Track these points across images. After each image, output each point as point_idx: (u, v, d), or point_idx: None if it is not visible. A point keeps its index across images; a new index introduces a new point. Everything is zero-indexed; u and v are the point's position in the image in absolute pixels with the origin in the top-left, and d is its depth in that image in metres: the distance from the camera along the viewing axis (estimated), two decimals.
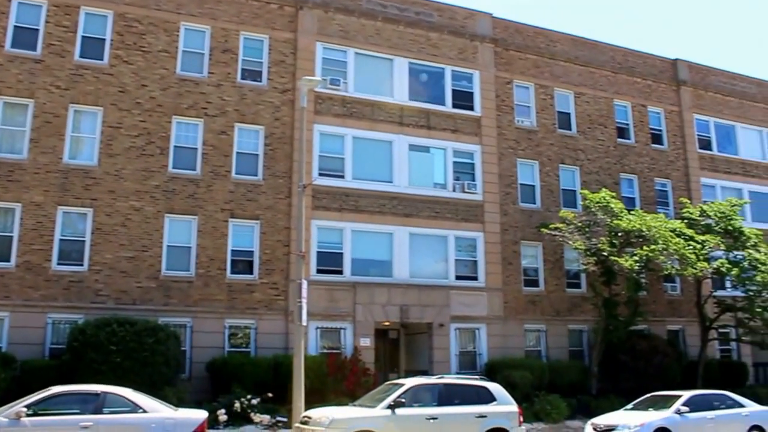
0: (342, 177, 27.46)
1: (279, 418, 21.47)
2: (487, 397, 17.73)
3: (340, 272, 26.71)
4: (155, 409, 14.49)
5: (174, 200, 24.95)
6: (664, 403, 20.68)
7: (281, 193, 26.40)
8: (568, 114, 33.13)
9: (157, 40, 25.85)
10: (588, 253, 28.04)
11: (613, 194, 29.62)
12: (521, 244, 30.31)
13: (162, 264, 24.45)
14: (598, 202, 28.54)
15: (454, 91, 30.36)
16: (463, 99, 30.44)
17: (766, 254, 30.12)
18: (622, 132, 34.57)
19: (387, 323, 27.53)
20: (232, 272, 25.37)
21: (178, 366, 22.80)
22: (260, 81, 27.12)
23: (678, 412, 19.93)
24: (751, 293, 29.30)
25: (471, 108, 30.45)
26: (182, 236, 24.98)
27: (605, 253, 27.52)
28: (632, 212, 28.99)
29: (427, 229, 28.39)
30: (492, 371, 25.99)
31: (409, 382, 17.81)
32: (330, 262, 26.68)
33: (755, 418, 21.06)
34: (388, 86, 29.15)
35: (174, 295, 24.32)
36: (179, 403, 18.50)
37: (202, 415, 15.10)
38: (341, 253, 26.89)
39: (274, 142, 26.76)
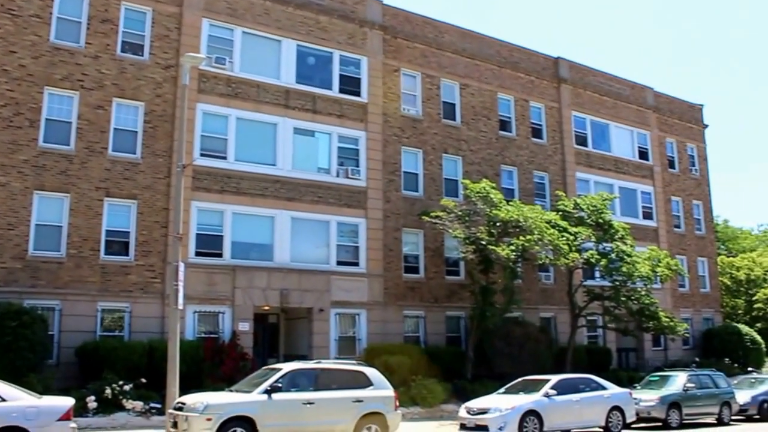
0: (224, 158, 26.88)
1: (153, 405, 20.91)
2: (364, 382, 17.85)
3: (220, 255, 26.21)
4: (15, 397, 13.71)
5: (44, 176, 23.67)
6: (534, 386, 21.48)
7: (160, 172, 25.56)
8: (453, 105, 33.70)
9: (29, 4, 24.28)
10: (467, 241, 28.65)
11: (494, 185, 30.38)
12: (403, 231, 30.68)
13: (29, 243, 23.17)
14: (478, 192, 29.18)
15: (341, 76, 30.23)
16: (350, 84, 30.38)
17: (631, 246, 31.80)
18: (505, 125, 35.48)
19: (267, 308, 27.27)
20: (107, 253, 24.40)
21: (44, 351, 21.77)
22: (142, 55, 26.07)
23: (546, 395, 20.78)
24: (617, 283, 30.86)
25: (358, 94, 30.43)
26: (53, 215, 23.76)
27: (484, 242, 28.19)
28: (511, 203, 29.83)
29: (310, 213, 28.23)
30: (371, 356, 26.13)
31: (287, 366, 17.68)
32: (209, 244, 26.11)
33: (615, 400, 22.38)
34: (274, 68, 28.68)
35: (42, 277, 23.13)
36: (45, 390, 17.68)
37: (68, 402, 14.44)
38: (221, 236, 26.38)
39: (155, 119, 25.85)
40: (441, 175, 32.38)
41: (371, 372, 18.34)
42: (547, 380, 21.67)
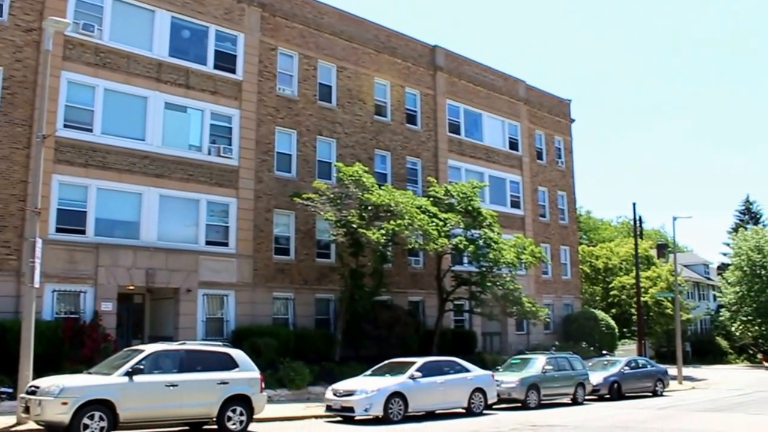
0: (90, 131, 25.66)
1: (3, 390, 19.79)
2: (230, 364, 17.68)
3: (83, 232, 25.07)
4: None
5: None
6: (400, 369, 21.93)
7: (19, 142, 24.08)
8: (330, 87, 33.55)
9: None
10: (338, 224, 28.70)
11: (367, 169, 30.54)
12: (274, 212, 30.36)
13: None
14: (351, 176, 29.26)
15: (216, 51, 29.46)
16: (226, 61, 29.67)
17: (499, 234, 32.83)
18: (380, 109, 35.70)
19: (132, 287, 26.39)
20: None
21: None
22: (0, 15, 24.41)
23: (412, 377, 21.26)
24: (484, 269, 31.84)
25: (233, 71, 29.78)
26: None
27: (354, 225, 28.30)
28: (383, 187, 30.10)
29: (179, 191, 27.47)
30: (239, 338, 25.95)
31: (150, 348, 17.27)
32: (71, 220, 24.92)
33: (478, 381, 23.26)
34: (147, 39, 27.57)
35: None
36: None
37: None
38: (84, 212, 25.21)
39: (14, 85, 24.27)
40: (315, 157, 32.23)
41: (237, 354, 18.20)
42: (413, 363, 22.16)
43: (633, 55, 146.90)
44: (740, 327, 65.25)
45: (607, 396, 29.53)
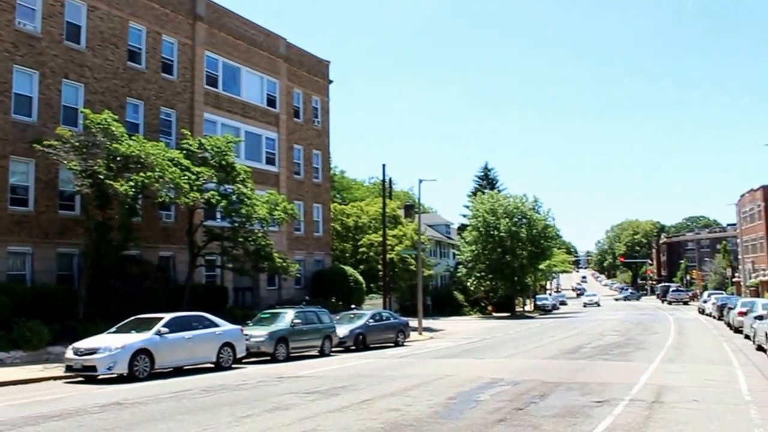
0: None
1: None
2: None
3: None
4: None
5: None
6: (147, 325, 21.47)
7: None
8: (79, 27, 31.24)
9: None
10: (84, 174, 27.02)
11: (117, 117, 29.04)
12: (11, 159, 27.85)
13: None
14: (99, 123, 27.62)
15: None
16: None
17: (251, 190, 32.90)
18: (134, 56, 33.97)
19: None
20: None
21: None
22: None
23: (158, 333, 20.93)
24: (236, 224, 31.87)
25: None
26: None
27: (102, 177, 26.79)
28: (134, 138, 28.84)
29: None
30: None
31: None
32: None
33: (226, 336, 23.49)
34: None
35: None
36: None
37: None
38: None
39: None
40: (59, 102, 29.95)
41: None
42: (160, 318, 21.82)
43: (400, 21, 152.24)
44: (475, 282, 71.41)
45: (353, 347, 31.03)
